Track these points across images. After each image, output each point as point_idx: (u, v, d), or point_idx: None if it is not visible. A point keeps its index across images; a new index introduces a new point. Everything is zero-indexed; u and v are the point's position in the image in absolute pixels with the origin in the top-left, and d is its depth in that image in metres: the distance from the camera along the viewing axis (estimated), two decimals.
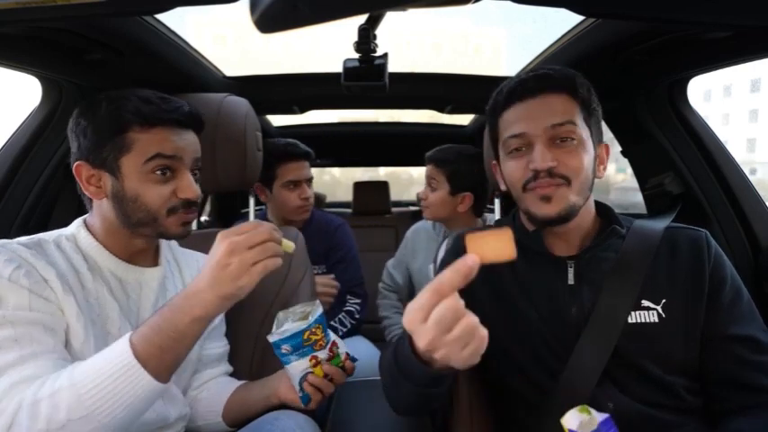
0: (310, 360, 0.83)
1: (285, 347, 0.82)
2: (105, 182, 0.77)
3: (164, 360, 0.64)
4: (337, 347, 0.86)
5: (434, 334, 0.51)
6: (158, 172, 0.76)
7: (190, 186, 0.79)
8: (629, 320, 0.74)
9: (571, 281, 0.78)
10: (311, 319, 0.82)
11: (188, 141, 0.80)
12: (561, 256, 0.80)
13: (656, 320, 0.74)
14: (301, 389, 0.83)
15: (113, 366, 0.61)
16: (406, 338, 0.63)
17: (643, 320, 0.74)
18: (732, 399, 0.72)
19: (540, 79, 0.76)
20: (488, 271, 0.80)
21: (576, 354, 0.74)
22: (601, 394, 0.72)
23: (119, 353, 0.62)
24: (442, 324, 0.50)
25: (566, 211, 0.74)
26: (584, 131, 0.75)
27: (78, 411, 0.59)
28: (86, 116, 0.77)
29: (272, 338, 0.82)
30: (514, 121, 0.77)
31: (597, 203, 0.85)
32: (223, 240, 0.66)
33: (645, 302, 0.75)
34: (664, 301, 0.75)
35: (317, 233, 1.66)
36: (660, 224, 0.82)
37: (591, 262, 0.79)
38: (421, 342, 0.52)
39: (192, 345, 0.67)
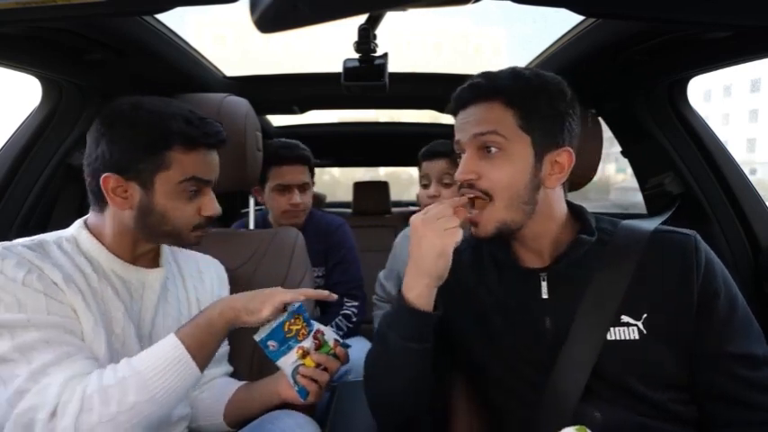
0: (297, 351, 0.85)
1: (271, 344, 0.84)
2: (133, 194, 0.77)
3: (205, 353, 0.76)
4: (323, 335, 0.88)
5: (428, 218, 0.71)
6: (189, 191, 0.80)
7: (212, 203, 0.84)
8: (608, 337, 0.69)
9: (545, 294, 0.74)
10: (288, 309, 0.85)
11: (216, 162, 0.85)
12: (533, 268, 0.76)
13: (637, 337, 0.69)
14: (296, 382, 0.84)
15: (169, 358, 0.71)
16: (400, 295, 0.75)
17: (622, 338, 0.69)
18: (725, 415, 0.69)
19: (471, 89, 0.75)
20: (465, 290, 0.82)
21: (555, 372, 0.71)
22: (587, 407, 0.70)
23: (172, 346, 0.72)
24: (433, 214, 0.71)
25: (494, 231, 0.73)
26: (514, 141, 0.71)
27: (144, 395, 0.68)
28: (124, 126, 0.75)
29: (257, 338, 0.84)
30: (456, 129, 0.78)
31: (572, 206, 0.80)
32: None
33: (624, 318, 0.70)
34: (645, 316, 0.70)
35: (316, 234, 1.64)
36: (648, 227, 0.76)
37: (565, 273, 0.74)
38: (418, 221, 0.72)
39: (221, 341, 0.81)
